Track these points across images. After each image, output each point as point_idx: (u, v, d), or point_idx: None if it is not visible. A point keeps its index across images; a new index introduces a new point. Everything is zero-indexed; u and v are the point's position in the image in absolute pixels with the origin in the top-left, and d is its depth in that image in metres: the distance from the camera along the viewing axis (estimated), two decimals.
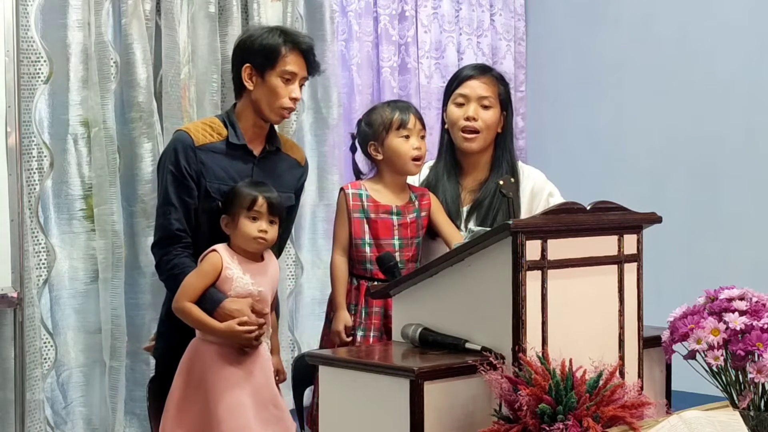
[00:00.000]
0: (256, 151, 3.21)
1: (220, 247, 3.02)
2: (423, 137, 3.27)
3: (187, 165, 3.10)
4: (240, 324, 2.94)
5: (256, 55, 3.15)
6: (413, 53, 4.97)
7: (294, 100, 3.17)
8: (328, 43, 4.49)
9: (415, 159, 3.23)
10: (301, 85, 3.20)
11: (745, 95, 4.76)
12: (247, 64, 3.16)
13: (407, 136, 3.22)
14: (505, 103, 3.36)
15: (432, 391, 2.15)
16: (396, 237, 3.21)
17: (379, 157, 3.26)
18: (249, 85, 3.16)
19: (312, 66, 3.22)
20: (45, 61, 3.66)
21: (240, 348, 2.98)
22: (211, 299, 2.97)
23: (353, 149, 3.36)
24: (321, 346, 3.31)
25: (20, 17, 3.53)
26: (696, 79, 4.92)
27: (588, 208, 2.37)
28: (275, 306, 3.22)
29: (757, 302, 2.36)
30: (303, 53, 3.18)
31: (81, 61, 3.75)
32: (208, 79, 4.08)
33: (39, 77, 3.66)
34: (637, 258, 2.45)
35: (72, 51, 3.73)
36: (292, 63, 3.15)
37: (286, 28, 3.32)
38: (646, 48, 5.11)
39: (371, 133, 3.26)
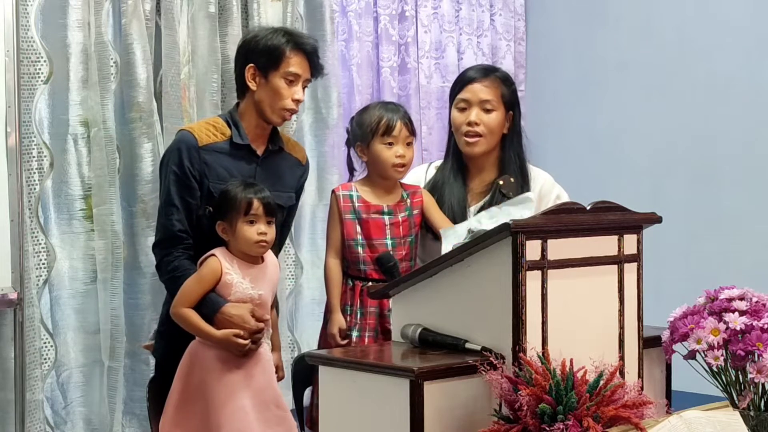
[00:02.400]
0: (259, 151, 3.21)
1: (219, 252, 3.01)
2: (410, 144, 3.25)
3: (191, 165, 3.09)
4: (236, 336, 2.94)
5: (260, 55, 3.14)
6: (413, 53, 4.98)
7: (297, 101, 3.17)
8: (328, 43, 4.49)
9: (397, 166, 3.23)
10: (303, 87, 3.19)
11: (745, 95, 4.76)
12: (251, 65, 3.15)
13: (391, 143, 3.22)
14: (510, 104, 3.33)
15: (432, 391, 2.14)
16: (388, 236, 3.21)
17: (365, 158, 3.27)
18: (252, 86, 3.15)
19: (315, 68, 3.22)
20: (45, 61, 3.67)
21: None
22: (211, 304, 2.97)
23: (348, 144, 3.36)
24: (319, 348, 3.31)
25: (20, 17, 3.54)
26: (696, 79, 4.92)
27: (588, 208, 2.37)
28: (275, 303, 3.22)
29: (757, 302, 2.36)
30: (307, 55, 3.18)
31: (81, 61, 3.75)
32: (208, 79, 4.09)
33: (39, 77, 3.67)
34: (637, 258, 2.44)
35: (72, 51, 3.73)
36: (295, 64, 3.15)
37: (291, 30, 3.31)
38: (646, 48, 5.11)
39: (359, 134, 3.26)
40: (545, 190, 3.33)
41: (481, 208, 3.29)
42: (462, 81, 3.35)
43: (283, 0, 4.36)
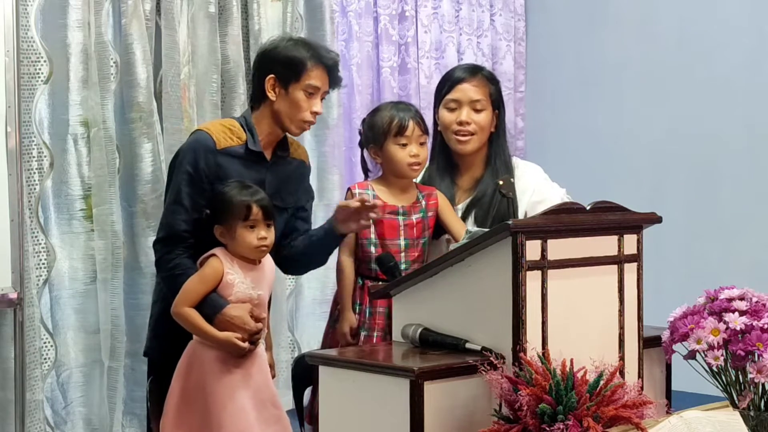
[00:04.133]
0: (268, 157, 3.21)
1: (220, 252, 3.00)
2: (423, 143, 3.26)
3: (206, 168, 3.09)
4: (237, 339, 2.94)
5: (282, 66, 3.14)
6: (413, 53, 4.97)
7: (315, 113, 3.18)
8: (328, 43, 4.48)
9: (413, 165, 3.23)
10: (322, 98, 3.21)
11: (746, 95, 4.76)
12: (271, 75, 3.15)
13: (405, 144, 3.22)
14: (496, 102, 3.36)
15: (432, 391, 2.15)
16: (402, 237, 3.21)
17: (379, 160, 3.27)
18: (272, 96, 3.15)
19: (335, 81, 3.23)
20: (45, 61, 3.67)
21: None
22: (211, 305, 2.97)
23: (361, 146, 3.36)
24: (324, 345, 3.32)
25: (20, 17, 3.54)
26: (696, 78, 4.92)
27: (588, 208, 2.37)
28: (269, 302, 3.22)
29: (757, 302, 2.36)
30: (328, 69, 3.19)
31: (81, 61, 3.75)
32: (208, 79, 4.09)
33: (39, 77, 3.67)
34: (637, 258, 2.45)
35: (72, 51, 3.73)
36: (316, 77, 3.15)
37: (312, 42, 3.32)
38: (646, 48, 5.11)
39: (371, 136, 3.26)
40: (530, 181, 3.32)
41: (469, 205, 3.30)
42: (450, 81, 3.36)
43: (283, 0, 4.36)
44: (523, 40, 5.51)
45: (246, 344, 2.95)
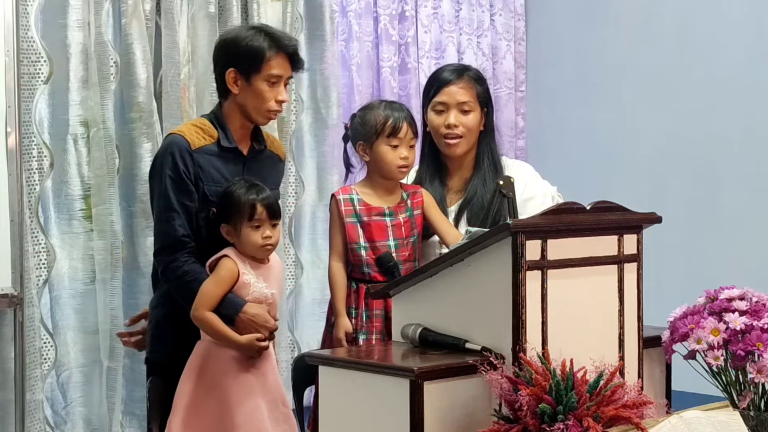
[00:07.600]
0: (245, 151, 3.19)
1: (231, 252, 2.99)
2: (412, 146, 3.26)
3: (186, 169, 3.06)
4: (258, 340, 2.96)
5: (241, 59, 3.10)
6: (413, 53, 4.98)
7: (280, 102, 3.15)
8: (328, 43, 4.49)
9: (402, 167, 3.22)
10: (285, 85, 3.18)
11: (746, 95, 4.76)
12: (232, 69, 3.10)
13: (396, 145, 3.21)
14: (484, 102, 3.35)
15: (432, 391, 2.15)
16: (391, 238, 3.21)
17: (367, 158, 3.25)
18: (234, 90, 3.11)
19: (297, 65, 3.20)
20: (45, 61, 3.67)
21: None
22: (231, 305, 2.96)
23: (346, 139, 3.34)
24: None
25: (20, 17, 3.54)
26: (696, 78, 4.92)
27: (588, 208, 2.37)
28: None
29: (757, 302, 2.36)
30: (288, 55, 3.16)
31: (81, 61, 3.75)
32: (208, 79, 4.08)
33: (39, 77, 3.67)
34: (637, 258, 2.44)
35: (72, 51, 3.74)
36: (277, 66, 3.11)
37: (270, 30, 3.25)
38: (646, 48, 5.11)
39: (362, 133, 3.24)
40: (521, 180, 3.30)
41: (460, 207, 3.29)
42: (437, 83, 3.34)
43: (283, 0, 4.36)
44: (523, 40, 5.51)
45: (266, 343, 2.96)
